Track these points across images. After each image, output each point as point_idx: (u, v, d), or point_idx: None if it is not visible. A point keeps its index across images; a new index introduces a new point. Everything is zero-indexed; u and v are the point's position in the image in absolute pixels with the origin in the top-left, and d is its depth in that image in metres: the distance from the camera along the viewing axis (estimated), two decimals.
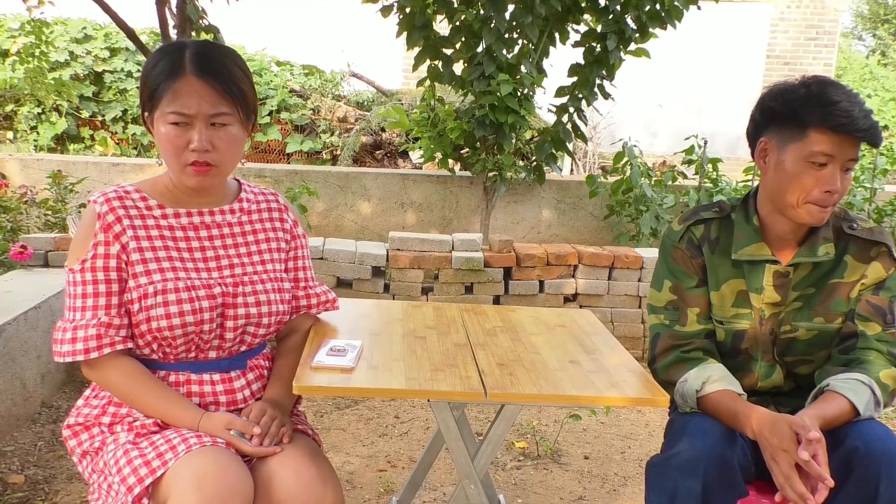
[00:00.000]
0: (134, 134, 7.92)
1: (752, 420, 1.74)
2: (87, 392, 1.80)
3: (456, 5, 5.07)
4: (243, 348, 1.82)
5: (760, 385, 1.97)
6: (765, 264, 1.91)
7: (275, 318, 1.82)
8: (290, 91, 8.12)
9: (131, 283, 1.70)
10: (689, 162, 5.93)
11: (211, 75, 1.68)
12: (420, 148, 5.95)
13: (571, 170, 8.07)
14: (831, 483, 1.61)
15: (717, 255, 1.95)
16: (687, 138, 5.98)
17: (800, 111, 1.77)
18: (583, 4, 5.18)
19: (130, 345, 1.71)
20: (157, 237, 1.74)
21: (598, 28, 5.21)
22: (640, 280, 4.45)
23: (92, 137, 7.97)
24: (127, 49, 8.03)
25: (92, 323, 1.67)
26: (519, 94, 5.16)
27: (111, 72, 8.02)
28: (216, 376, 1.77)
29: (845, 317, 1.90)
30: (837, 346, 1.91)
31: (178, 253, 1.75)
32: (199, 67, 1.67)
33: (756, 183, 5.67)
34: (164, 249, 1.74)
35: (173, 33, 4.16)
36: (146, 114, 1.74)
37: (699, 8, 5.20)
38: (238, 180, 1.93)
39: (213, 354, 1.77)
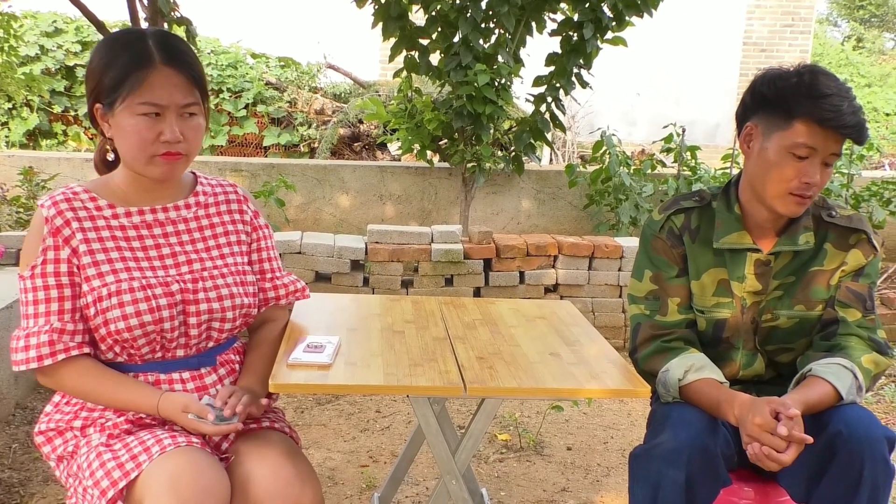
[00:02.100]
0: None
1: (734, 406, 1.74)
2: (57, 398, 1.76)
3: None
4: (211, 344, 1.78)
5: (742, 374, 1.97)
6: (746, 253, 1.90)
7: (239, 312, 1.78)
8: (266, 83, 8.03)
9: (85, 287, 1.65)
10: (668, 150, 5.93)
11: (181, 65, 1.64)
12: (398, 139, 5.90)
13: (550, 159, 8.05)
14: (809, 440, 1.63)
15: (697, 244, 1.94)
16: (665, 126, 5.98)
17: (789, 100, 1.76)
18: None
19: (87, 350, 1.66)
20: (109, 238, 1.69)
21: (575, 17, 5.18)
22: (620, 269, 4.44)
23: (65, 133, 7.84)
24: None
25: (44, 329, 1.62)
26: (496, 84, 5.13)
27: (83, 66, 7.89)
28: (186, 374, 1.73)
29: (825, 304, 1.91)
30: (818, 332, 1.91)
31: (132, 252, 1.70)
32: (169, 56, 1.63)
33: (735, 171, 5.68)
34: (117, 250, 1.69)
35: (145, 26, 4.09)
36: (99, 105, 1.66)
37: None
38: (194, 173, 1.87)
39: (180, 353, 1.73)
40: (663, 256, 1.96)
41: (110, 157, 1.77)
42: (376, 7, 5.06)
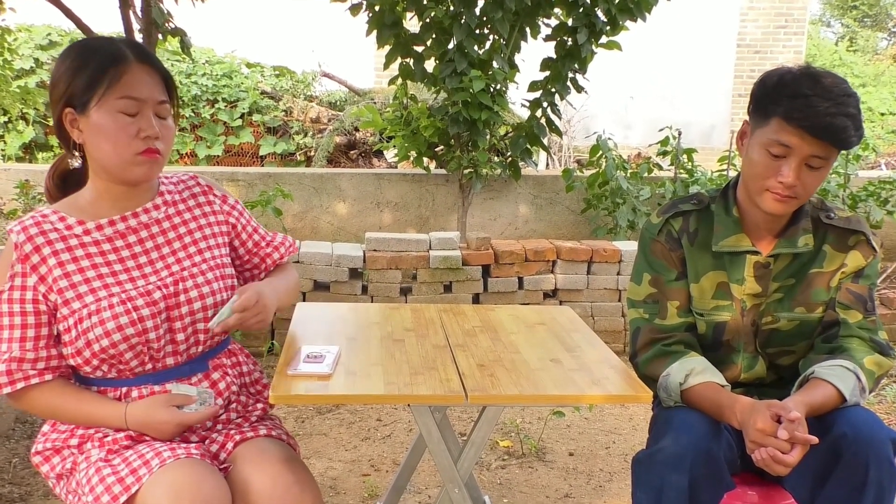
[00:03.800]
0: None
1: (736, 410, 1.73)
2: None
3: (425, 2, 5.02)
4: (200, 348, 1.76)
5: (743, 377, 1.96)
6: (745, 255, 1.90)
7: (221, 308, 1.76)
8: (262, 93, 8.03)
9: (64, 311, 1.64)
10: (664, 153, 5.93)
11: (153, 64, 1.67)
12: (394, 147, 5.90)
13: (547, 164, 8.05)
14: (814, 440, 1.63)
15: (696, 247, 1.93)
16: (661, 129, 5.99)
17: (770, 97, 1.76)
18: None
19: (48, 377, 1.65)
20: (84, 256, 1.67)
21: (569, 22, 5.18)
22: (618, 273, 4.44)
23: (60, 146, 7.84)
24: None
25: (3, 358, 1.62)
26: (491, 89, 5.13)
27: None
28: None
29: (826, 306, 1.90)
30: (820, 334, 1.90)
31: (109, 267, 1.68)
32: (142, 55, 1.66)
33: (732, 173, 5.68)
34: (93, 268, 1.67)
35: (139, 38, 4.08)
36: (69, 109, 1.64)
37: None
38: None
39: (170, 361, 1.72)
40: (662, 260, 1.95)
41: (76, 163, 1.73)
42: (370, 15, 5.06)
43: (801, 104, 1.69)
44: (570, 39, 5.21)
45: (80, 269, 1.66)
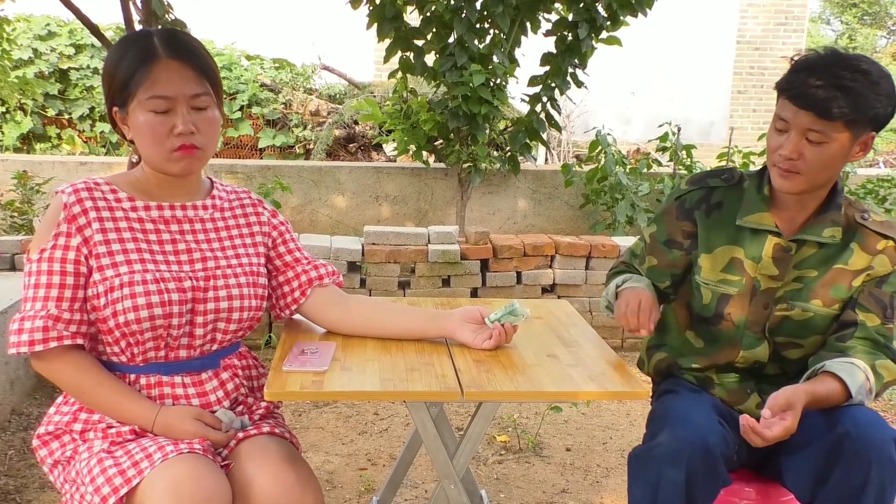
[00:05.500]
0: (102, 132, 7.77)
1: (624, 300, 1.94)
2: (59, 399, 1.75)
3: None
4: (215, 347, 1.77)
5: (742, 355, 1.94)
6: (767, 235, 1.90)
7: (247, 314, 1.77)
8: (261, 85, 8.01)
9: (96, 277, 1.64)
10: (663, 149, 5.93)
11: (186, 57, 1.65)
12: (393, 140, 5.89)
13: (546, 159, 8.04)
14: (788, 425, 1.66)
15: (714, 219, 1.96)
16: (660, 125, 5.98)
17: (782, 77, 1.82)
18: None
19: (80, 341, 1.65)
20: (126, 229, 1.69)
21: (570, 17, 5.17)
22: None
23: (59, 136, 7.81)
24: (92, 46, 7.87)
25: (40, 314, 1.60)
26: (491, 84, 5.12)
27: (77, 69, 7.86)
28: (188, 379, 1.72)
29: (843, 304, 1.88)
30: (834, 333, 1.88)
31: (148, 245, 1.70)
32: (173, 50, 1.64)
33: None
34: (133, 241, 1.68)
35: (138, 29, 4.07)
36: (115, 108, 1.68)
37: None
38: (210, 179, 1.88)
39: (183, 354, 1.72)
40: (666, 222, 2.03)
41: (134, 158, 1.78)
42: (371, 8, 5.05)
43: (798, 77, 1.74)
44: (570, 34, 5.20)
45: (120, 240, 1.67)
